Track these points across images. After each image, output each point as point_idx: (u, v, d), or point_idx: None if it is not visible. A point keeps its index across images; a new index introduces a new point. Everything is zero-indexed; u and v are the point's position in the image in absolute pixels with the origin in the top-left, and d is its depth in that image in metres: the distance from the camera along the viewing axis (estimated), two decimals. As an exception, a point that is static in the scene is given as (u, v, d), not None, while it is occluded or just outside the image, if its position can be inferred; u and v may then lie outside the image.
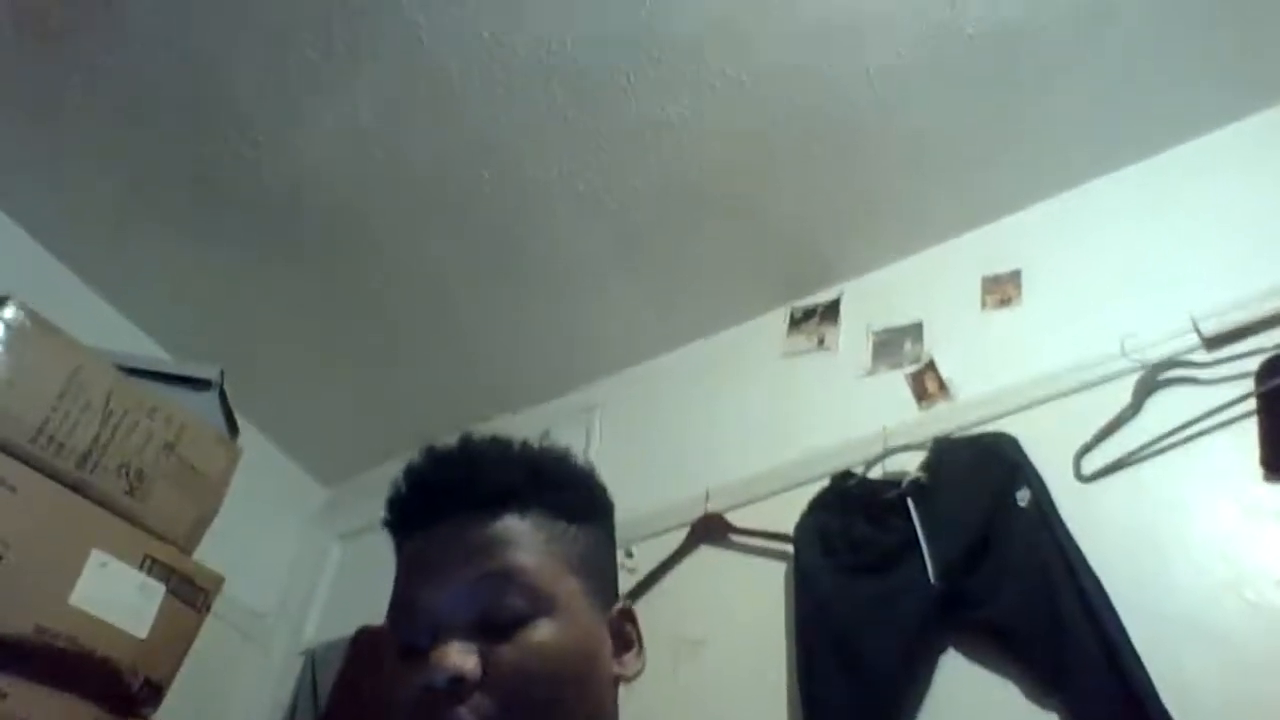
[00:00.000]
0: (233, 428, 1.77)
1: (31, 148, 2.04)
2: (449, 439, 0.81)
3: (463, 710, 0.67)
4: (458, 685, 0.67)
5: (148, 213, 2.15)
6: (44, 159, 2.06)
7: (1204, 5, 1.73)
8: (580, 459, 0.84)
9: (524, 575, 0.72)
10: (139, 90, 1.94)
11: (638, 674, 0.80)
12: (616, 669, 0.78)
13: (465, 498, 0.76)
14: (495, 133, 1.98)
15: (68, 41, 1.86)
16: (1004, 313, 1.92)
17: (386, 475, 0.81)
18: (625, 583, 1.57)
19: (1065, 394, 1.71)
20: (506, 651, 0.69)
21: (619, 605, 0.81)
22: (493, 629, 0.70)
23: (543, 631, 0.71)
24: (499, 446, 0.80)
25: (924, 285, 2.07)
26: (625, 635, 0.80)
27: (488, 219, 2.13)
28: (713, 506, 1.93)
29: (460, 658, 0.68)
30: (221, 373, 1.77)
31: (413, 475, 0.79)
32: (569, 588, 0.75)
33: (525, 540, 0.75)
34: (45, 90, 1.94)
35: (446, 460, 0.79)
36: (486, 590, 0.72)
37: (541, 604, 0.72)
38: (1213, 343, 1.61)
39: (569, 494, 0.80)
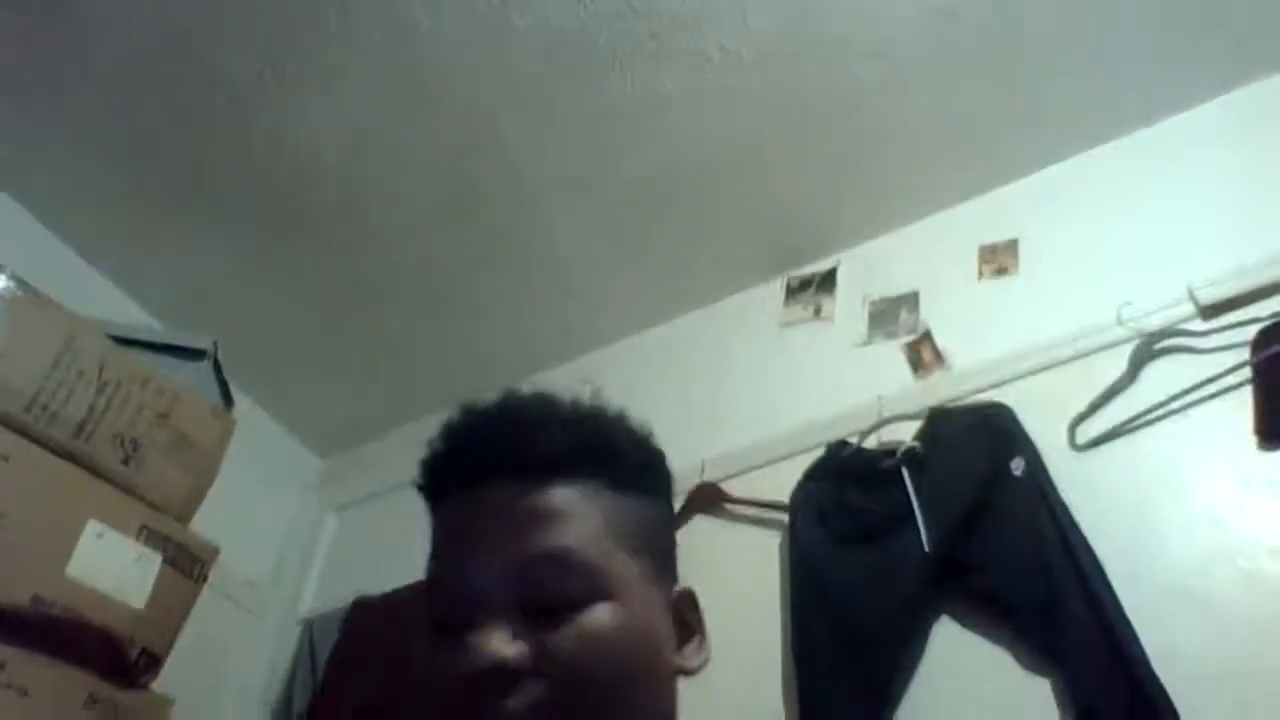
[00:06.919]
0: (227, 398, 1.77)
1: (26, 123, 2.01)
2: (487, 396, 0.71)
3: (511, 702, 0.60)
4: (502, 675, 0.60)
5: (143, 186, 2.13)
6: (39, 134, 2.03)
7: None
8: (636, 421, 0.76)
9: (578, 553, 0.65)
10: (133, 65, 1.91)
11: (701, 667, 0.71)
12: (678, 661, 0.70)
13: (511, 462, 0.67)
14: (490, 107, 1.96)
15: (62, 17, 1.83)
16: (1000, 282, 1.92)
17: (382, 447, 0.80)
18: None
19: (1061, 363, 1.71)
20: (561, 638, 0.62)
21: (679, 589, 0.73)
22: (543, 612, 0.63)
23: (600, 616, 0.63)
24: (547, 406, 0.72)
25: (920, 255, 2.06)
26: (687, 623, 0.72)
27: (484, 192, 2.11)
28: (708, 476, 1.93)
29: (502, 645, 0.61)
30: (215, 343, 1.76)
31: (452, 434, 0.71)
32: (627, 568, 0.67)
33: (578, 513, 0.66)
34: (40, 66, 1.91)
35: (489, 419, 0.71)
36: (536, 569, 0.64)
37: (598, 586, 0.64)
38: (1209, 312, 1.61)
39: (626, 461, 0.72)
